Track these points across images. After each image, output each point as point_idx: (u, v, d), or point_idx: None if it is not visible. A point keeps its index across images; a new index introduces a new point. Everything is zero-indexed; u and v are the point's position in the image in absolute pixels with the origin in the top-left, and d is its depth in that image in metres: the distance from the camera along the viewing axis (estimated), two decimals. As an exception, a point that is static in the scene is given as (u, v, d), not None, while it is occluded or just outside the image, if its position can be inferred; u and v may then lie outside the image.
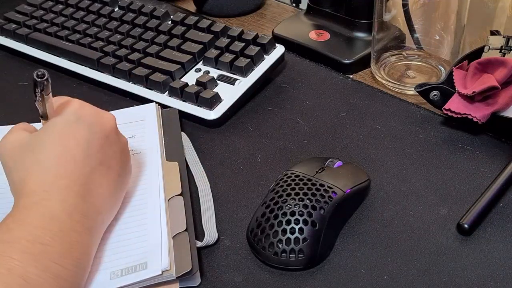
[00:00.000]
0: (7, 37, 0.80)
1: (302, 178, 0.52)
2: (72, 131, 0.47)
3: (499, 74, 0.60)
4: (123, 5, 0.79)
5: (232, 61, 0.69)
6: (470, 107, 0.61)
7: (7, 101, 0.72)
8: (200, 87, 0.66)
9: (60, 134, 0.47)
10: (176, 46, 0.72)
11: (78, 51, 0.74)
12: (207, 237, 0.51)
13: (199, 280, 0.48)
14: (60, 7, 0.81)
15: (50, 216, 0.43)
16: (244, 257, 0.51)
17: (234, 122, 0.66)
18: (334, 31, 0.78)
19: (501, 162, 0.58)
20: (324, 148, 0.62)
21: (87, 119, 0.48)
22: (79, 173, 0.46)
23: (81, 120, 0.48)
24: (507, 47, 0.64)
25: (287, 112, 0.67)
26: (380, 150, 0.61)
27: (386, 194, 0.56)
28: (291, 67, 0.75)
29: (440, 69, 0.72)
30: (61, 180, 0.45)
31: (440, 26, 0.71)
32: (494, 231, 0.52)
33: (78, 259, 0.44)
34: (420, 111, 0.66)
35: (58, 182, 0.45)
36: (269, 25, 0.84)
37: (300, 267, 0.49)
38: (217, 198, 0.56)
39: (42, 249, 0.41)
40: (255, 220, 0.51)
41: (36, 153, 0.47)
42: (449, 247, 0.51)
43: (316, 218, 0.49)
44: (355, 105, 0.68)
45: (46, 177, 0.45)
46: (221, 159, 0.61)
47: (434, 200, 0.55)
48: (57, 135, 0.47)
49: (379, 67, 0.73)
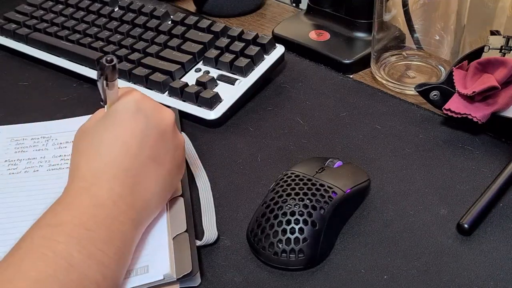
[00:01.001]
0: (7, 37, 0.80)
1: (302, 178, 0.52)
2: (129, 122, 0.47)
3: (499, 74, 0.60)
4: (123, 5, 0.79)
5: (232, 61, 0.69)
6: (470, 107, 0.61)
7: (7, 101, 0.72)
8: (200, 87, 0.66)
9: (118, 123, 0.47)
10: (176, 46, 0.72)
11: (78, 51, 0.74)
12: (206, 236, 0.51)
13: (199, 280, 0.48)
14: (60, 7, 0.81)
15: (96, 202, 0.44)
16: (244, 257, 0.51)
17: (234, 122, 0.66)
18: (334, 31, 0.78)
19: (501, 162, 0.58)
20: (324, 148, 0.62)
21: (146, 112, 0.48)
22: (130, 164, 0.46)
23: (140, 111, 0.48)
24: (507, 47, 0.64)
25: (287, 112, 0.67)
26: (380, 150, 0.61)
27: (386, 194, 0.56)
28: (291, 67, 0.75)
29: (440, 69, 0.72)
30: (111, 169, 0.46)
31: (440, 26, 0.71)
32: (494, 231, 0.52)
33: (120, 248, 0.44)
34: (420, 111, 0.66)
35: (108, 170, 0.45)
36: (269, 25, 0.84)
37: (300, 267, 0.49)
38: (217, 198, 0.56)
39: (86, 234, 0.42)
40: (255, 220, 0.51)
41: (92, 139, 0.47)
42: (449, 247, 0.51)
43: (316, 218, 0.49)
44: (355, 105, 0.68)
45: (97, 164, 0.46)
46: (221, 159, 0.61)
47: (434, 200, 0.55)
48: (115, 123, 0.47)
49: (379, 67, 0.73)
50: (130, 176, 0.46)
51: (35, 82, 0.75)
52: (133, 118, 0.47)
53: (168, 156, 0.49)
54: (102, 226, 0.43)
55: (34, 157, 0.61)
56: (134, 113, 0.48)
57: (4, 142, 0.63)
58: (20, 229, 0.43)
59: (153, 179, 0.48)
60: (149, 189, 0.48)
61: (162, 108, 0.50)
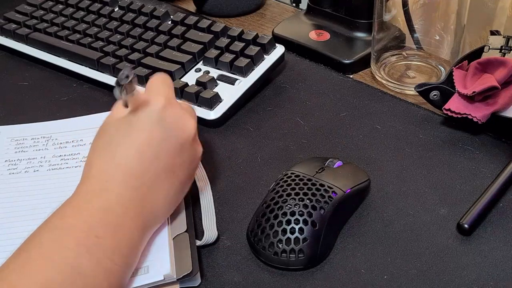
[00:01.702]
0: (7, 37, 0.80)
1: (302, 178, 0.52)
2: (149, 130, 0.47)
3: (499, 74, 0.60)
4: (123, 5, 0.79)
5: (232, 61, 0.69)
6: (470, 107, 0.61)
7: (7, 101, 0.72)
8: (200, 87, 0.66)
9: (137, 130, 0.47)
10: (176, 46, 0.72)
11: (78, 51, 0.74)
12: (206, 236, 0.51)
13: (199, 281, 0.48)
14: (60, 7, 0.81)
15: (105, 207, 0.44)
16: (244, 257, 0.51)
17: (234, 122, 0.66)
18: (334, 31, 0.78)
19: (501, 162, 0.58)
20: (324, 148, 0.62)
21: (168, 122, 0.47)
22: (142, 172, 0.46)
23: (162, 121, 0.47)
24: (507, 47, 0.64)
25: (287, 112, 0.67)
26: (380, 150, 0.61)
27: (386, 194, 0.56)
28: (291, 67, 0.75)
29: (440, 69, 0.72)
30: (123, 175, 0.45)
31: (440, 26, 0.71)
32: (494, 231, 0.52)
33: (127, 256, 0.44)
34: (420, 111, 0.66)
35: (119, 175, 0.45)
36: (269, 25, 0.84)
37: (300, 267, 0.49)
38: (217, 198, 0.56)
39: (96, 241, 0.41)
40: (255, 220, 0.51)
41: (111, 139, 0.47)
42: (449, 247, 0.51)
43: (316, 218, 0.49)
44: (355, 105, 0.68)
45: (109, 168, 0.45)
46: (221, 159, 0.61)
47: (434, 200, 0.55)
48: (134, 130, 0.47)
49: (379, 67, 0.73)
50: (142, 183, 0.46)
51: (35, 82, 0.75)
52: (153, 126, 0.47)
53: (183, 167, 0.49)
54: (110, 232, 0.43)
55: (34, 157, 0.61)
56: (155, 122, 0.47)
57: (4, 142, 0.63)
58: (20, 229, 0.43)
59: (166, 188, 0.47)
60: (160, 198, 0.47)
61: (185, 118, 0.49)
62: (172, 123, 0.48)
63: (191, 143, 0.49)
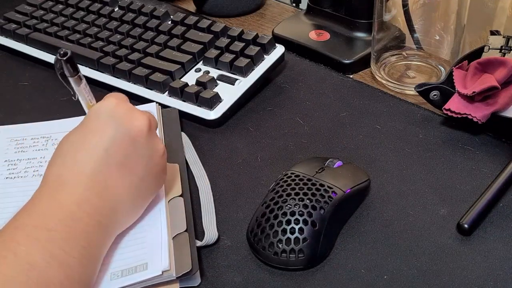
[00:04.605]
0: (7, 37, 0.80)
1: (302, 178, 0.52)
2: (99, 128, 0.47)
3: (499, 74, 0.60)
4: (123, 5, 0.79)
5: (232, 61, 0.69)
6: (470, 107, 0.61)
7: (7, 101, 0.72)
8: (200, 87, 0.66)
9: (87, 129, 0.48)
10: (176, 46, 0.72)
11: (78, 51, 0.74)
12: (207, 236, 0.51)
13: (199, 280, 0.48)
14: (60, 7, 0.81)
15: (57, 205, 0.44)
16: (244, 257, 0.51)
17: (234, 122, 0.66)
18: (334, 31, 0.78)
19: (501, 162, 0.58)
20: (324, 148, 0.62)
21: (117, 118, 0.48)
22: (95, 170, 0.46)
23: (112, 118, 0.48)
24: (507, 47, 0.64)
25: (287, 112, 0.67)
26: (380, 150, 0.61)
27: (386, 194, 0.56)
28: (291, 67, 0.75)
29: (440, 69, 0.72)
30: (76, 175, 0.45)
31: (440, 26, 0.71)
32: (494, 231, 0.52)
33: (85, 248, 0.43)
34: (420, 111, 0.66)
35: (72, 176, 0.45)
36: (269, 25, 0.84)
37: (300, 267, 0.49)
38: (217, 198, 0.56)
39: (47, 234, 0.42)
40: (255, 220, 0.51)
41: (62, 146, 0.48)
42: (449, 247, 0.51)
43: (316, 218, 0.49)
44: (355, 105, 0.68)
45: (62, 170, 0.46)
46: (221, 159, 0.61)
47: (434, 200, 0.55)
48: (85, 131, 0.48)
49: (379, 67, 0.73)
50: (97, 181, 0.46)
51: (35, 82, 0.75)
52: (103, 124, 0.47)
53: (140, 164, 0.48)
54: (63, 225, 0.43)
55: (34, 157, 0.61)
56: (105, 119, 0.47)
57: (4, 142, 0.63)
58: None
59: (123, 185, 0.47)
60: (118, 194, 0.47)
61: (135, 114, 0.49)
62: (122, 117, 0.48)
63: (146, 138, 0.49)
